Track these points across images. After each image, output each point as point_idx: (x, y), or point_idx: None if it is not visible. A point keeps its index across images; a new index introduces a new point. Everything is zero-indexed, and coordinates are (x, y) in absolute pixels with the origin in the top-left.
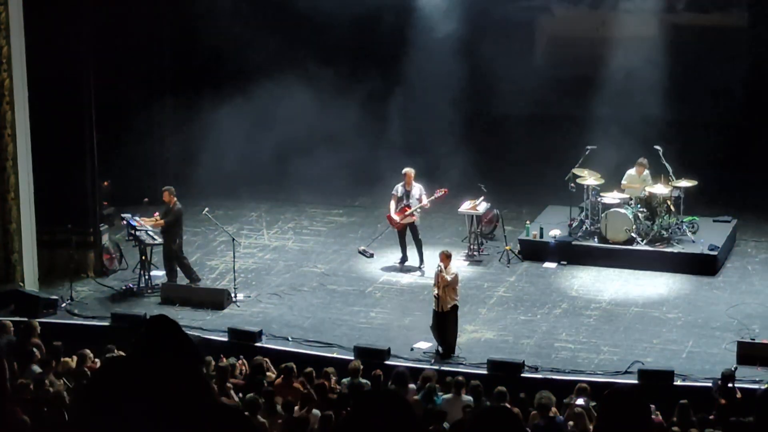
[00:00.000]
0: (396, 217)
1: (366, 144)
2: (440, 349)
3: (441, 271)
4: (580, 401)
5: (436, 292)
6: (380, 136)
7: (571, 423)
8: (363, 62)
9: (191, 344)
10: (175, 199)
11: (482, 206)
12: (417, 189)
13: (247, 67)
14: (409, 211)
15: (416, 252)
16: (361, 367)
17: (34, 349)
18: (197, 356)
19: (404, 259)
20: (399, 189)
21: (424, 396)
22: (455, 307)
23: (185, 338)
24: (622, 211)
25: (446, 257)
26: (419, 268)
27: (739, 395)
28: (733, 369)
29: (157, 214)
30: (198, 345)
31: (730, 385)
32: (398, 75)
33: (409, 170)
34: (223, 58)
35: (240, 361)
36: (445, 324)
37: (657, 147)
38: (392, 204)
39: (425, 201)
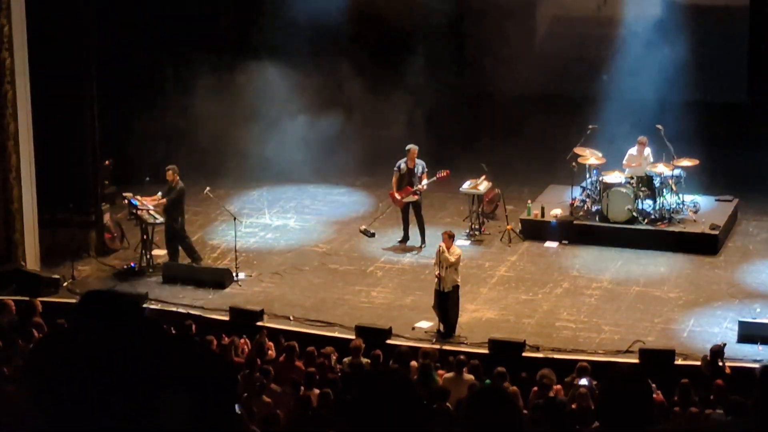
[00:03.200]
0: (398, 196)
1: (368, 122)
2: (442, 328)
3: (443, 251)
4: (583, 381)
5: (437, 272)
6: (382, 114)
7: (574, 405)
8: (365, 41)
9: (132, 306)
10: (178, 178)
11: (483, 186)
12: (420, 166)
13: (250, 40)
14: (411, 191)
15: (418, 231)
16: (363, 346)
17: (35, 329)
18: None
19: (406, 238)
20: (402, 166)
21: (421, 375)
22: (456, 287)
23: (124, 303)
24: (624, 190)
25: (449, 237)
26: (420, 248)
27: (728, 371)
28: (722, 345)
29: (159, 193)
30: (141, 303)
31: (719, 361)
32: (401, 54)
33: (413, 147)
34: (222, 34)
35: (242, 340)
36: (446, 304)
37: (658, 126)
38: (394, 181)
39: (426, 181)
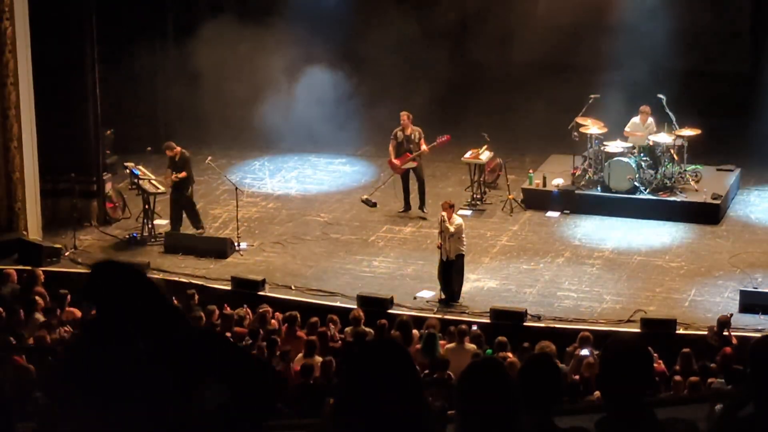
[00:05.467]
0: (397, 162)
1: (369, 92)
2: (443, 297)
3: (444, 221)
4: (584, 351)
5: (439, 242)
6: (382, 83)
7: (576, 376)
8: (366, 8)
9: (143, 280)
10: (180, 149)
11: (485, 155)
12: (417, 132)
13: (251, 3)
14: (410, 157)
15: (418, 195)
16: (362, 315)
17: (37, 298)
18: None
19: (407, 207)
20: (398, 133)
21: (425, 344)
22: (460, 256)
23: (135, 277)
24: (626, 159)
25: (449, 207)
26: (420, 209)
27: (735, 341)
28: (729, 315)
29: (168, 170)
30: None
31: (725, 331)
32: (401, 23)
33: (403, 113)
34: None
35: (244, 310)
36: (450, 272)
37: (660, 95)
38: (392, 149)
39: (424, 146)
